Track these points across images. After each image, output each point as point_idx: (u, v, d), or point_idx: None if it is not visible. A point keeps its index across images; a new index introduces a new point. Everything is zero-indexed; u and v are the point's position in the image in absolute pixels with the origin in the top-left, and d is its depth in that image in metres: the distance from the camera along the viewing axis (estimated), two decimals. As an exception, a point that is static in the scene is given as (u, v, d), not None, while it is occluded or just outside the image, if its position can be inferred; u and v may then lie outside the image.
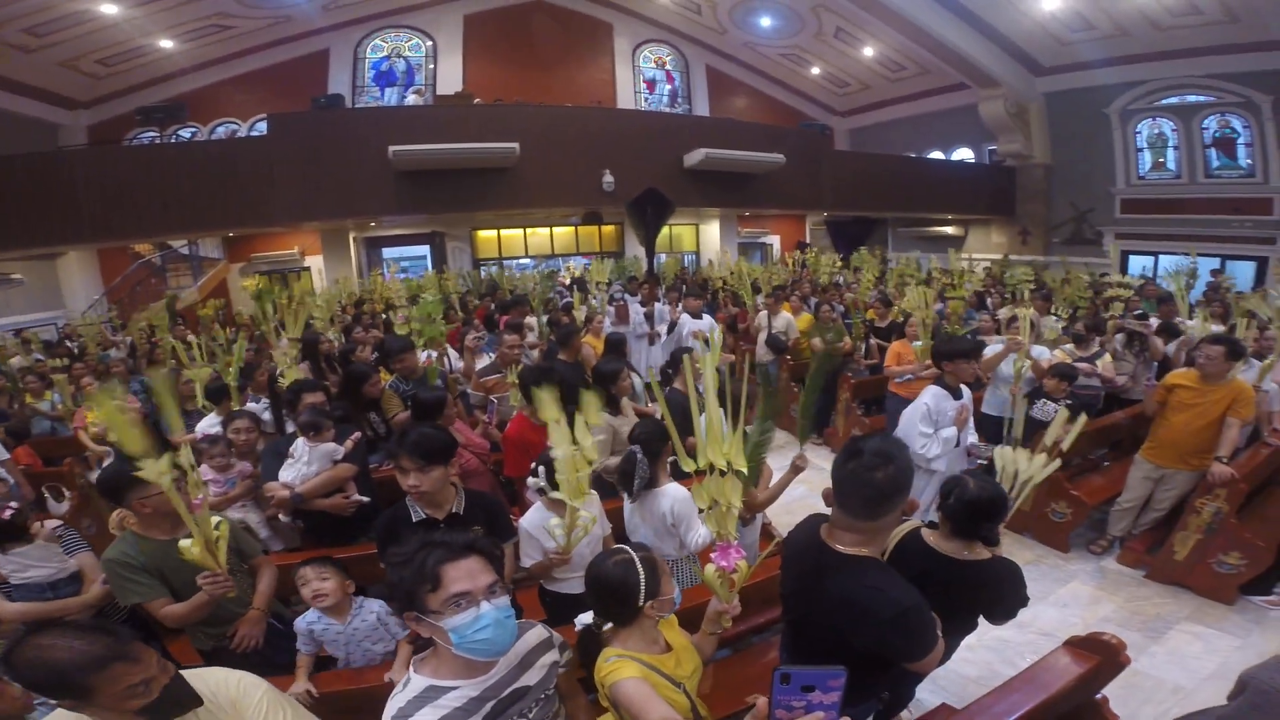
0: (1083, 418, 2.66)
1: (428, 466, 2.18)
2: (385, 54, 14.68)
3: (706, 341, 5.45)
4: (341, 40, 14.18)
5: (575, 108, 12.29)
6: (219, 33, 12.64)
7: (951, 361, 3.58)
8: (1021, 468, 2.49)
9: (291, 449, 3.04)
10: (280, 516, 3.17)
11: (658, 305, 7.05)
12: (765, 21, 15.40)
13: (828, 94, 18.15)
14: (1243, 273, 11.24)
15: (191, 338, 6.76)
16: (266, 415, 4.00)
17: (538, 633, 1.54)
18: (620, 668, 1.46)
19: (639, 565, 1.55)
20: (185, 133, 13.01)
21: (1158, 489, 3.91)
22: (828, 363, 2.33)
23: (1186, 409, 3.70)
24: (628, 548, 1.62)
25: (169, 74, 12.88)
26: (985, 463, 3.97)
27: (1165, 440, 3.82)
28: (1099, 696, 2.06)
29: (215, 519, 2.03)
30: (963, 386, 3.64)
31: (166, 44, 12.19)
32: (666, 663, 1.55)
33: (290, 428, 3.48)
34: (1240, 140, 11.45)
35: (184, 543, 1.94)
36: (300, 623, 2.22)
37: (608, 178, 11.05)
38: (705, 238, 15.81)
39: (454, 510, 2.28)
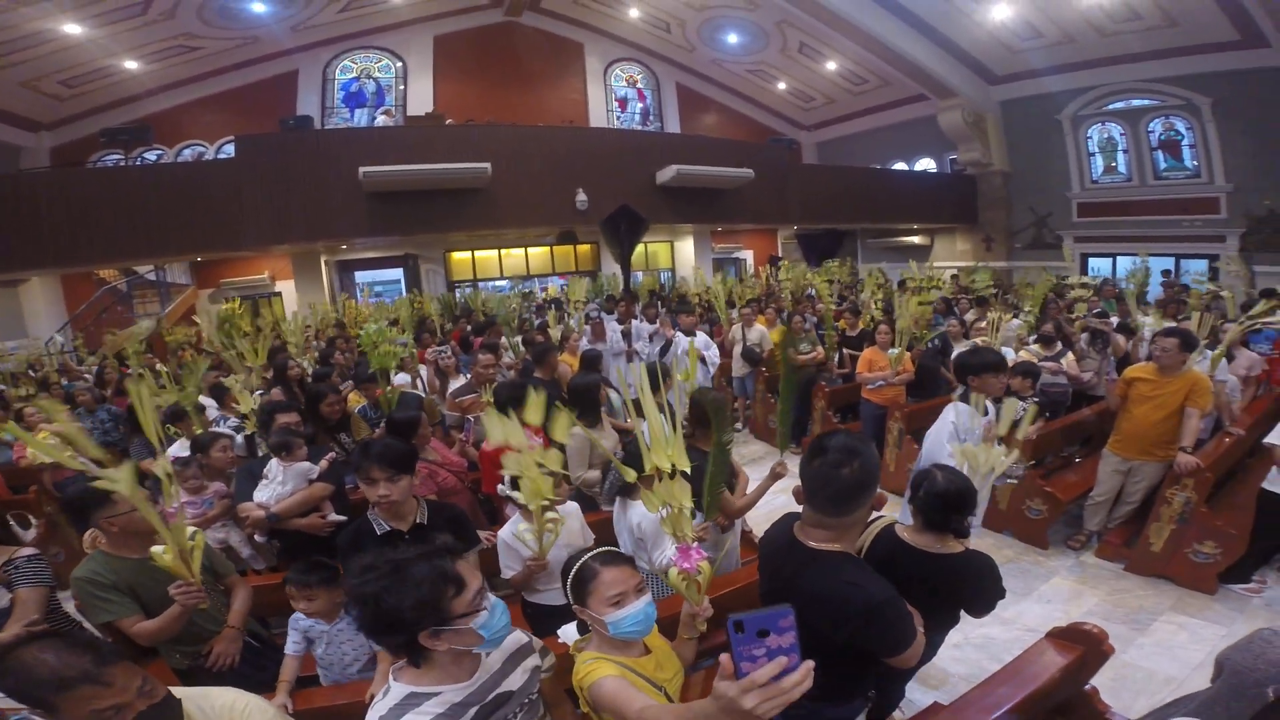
0: (1032, 408, 2.71)
1: (396, 476, 2.20)
2: (355, 75, 14.62)
3: (702, 359, 5.51)
4: (310, 61, 14.10)
5: (547, 127, 12.36)
6: (185, 54, 12.49)
7: (978, 376, 3.27)
8: (981, 460, 2.54)
9: (265, 470, 3.01)
10: (255, 537, 3.12)
11: (635, 322, 7.07)
12: (732, 38, 15.73)
13: (794, 109, 18.54)
14: (1196, 271, 11.67)
15: (160, 366, 6.64)
16: (239, 438, 3.95)
17: (516, 637, 1.54)
18: (598, 668, 1.45)
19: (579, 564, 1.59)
20: (151, 155, 12.79)
21: (1127, 481, 4.01)
22: (797, 374, 2.36)
23: (1147, 401, 3.82)
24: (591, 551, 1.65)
25: (134, 95, 12.68)
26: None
27: (1129, 433, 3.94)
28: (1088, 688, 2.07)
29: (190, 530, 2.00)
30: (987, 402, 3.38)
31: (131, 65, 11.99)
32: (646, 665, 1.55)
33: (262, 450, 3.43)
34: (1185, 142, 11.91)
35: (155, 549, 1.90)
36: (293, 617, 2.25)
37: (581, 196, 11.10)
38: (680, 254, 15.93)
39: (418, 521, 2.29)
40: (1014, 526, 4.38)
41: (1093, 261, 13.70)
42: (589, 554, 1.59)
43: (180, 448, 3.79)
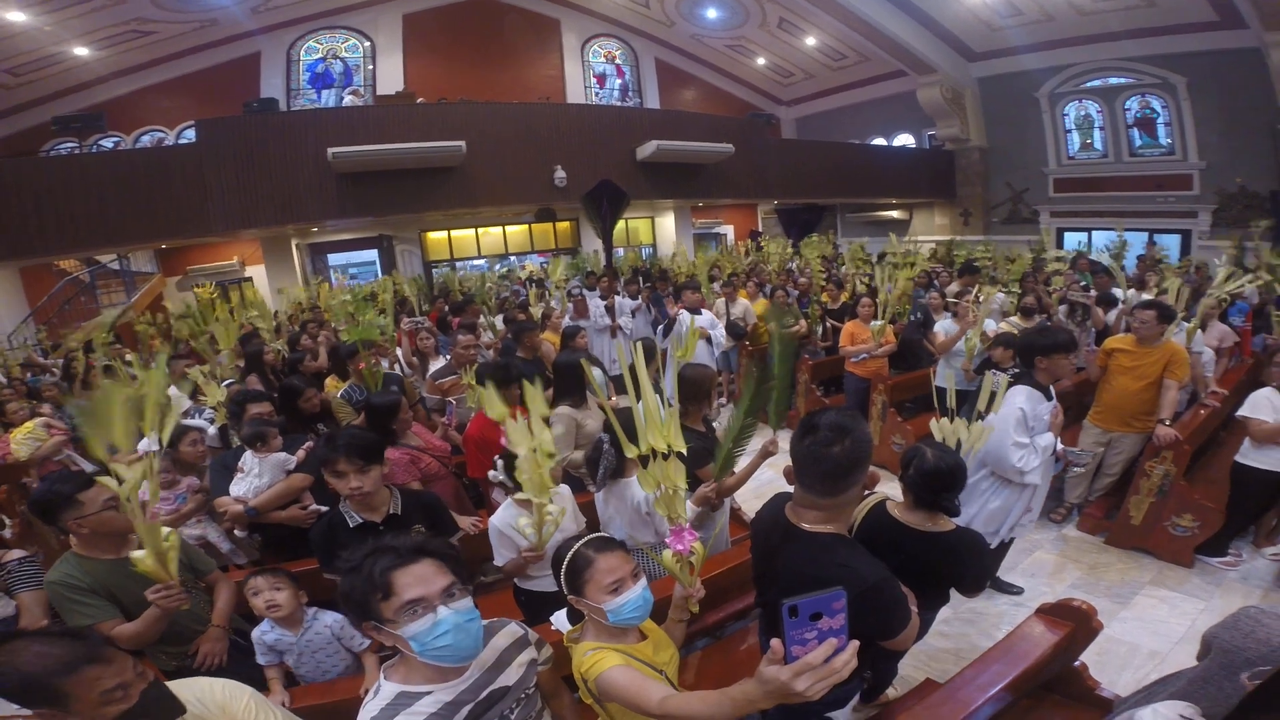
0: (1005, 383, 2.71)
1: (367, 467, 2.16)
2: (321, 56, 14.13)
3: (708, 339, 5.45)
4: (273, 43, 13.59)
5: (523, 104, 12.10)
6: (139, 38, 11.96)
7: (1048, 357, 3.04)
8: (962, 437, 2.53)
9: (240, 462, 2.90)
10: (235, 531, 3.03)
11: (618, 298, 6.98)
12: (711, 13, 15.52)
13: (773, 84, 18.38)
14: (1169, 245, 11.88)
15: (129, 355, 6.43)
16: (212, 430, 3.83)
17: (511, 631, 1.49)
18: (602, 658, 1.42)
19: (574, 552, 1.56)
20: (107, 142, 12.31)
21: (1107, 453, 4.06)
22: (789, 348, 2.31)
23: (1126, 372, 3.86)
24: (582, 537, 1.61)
25: (87, 82, 12.15)
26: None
27: (1109, 404, 3.98)
28: (1077, 664, 2.09)
29: (164, 530, 1.92)
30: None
31: (82, 51, 11.48)
32: (644, 650, 1.53)
33: (236, 441, 3.32)
34: (1160, 120, 12.05)
35: (135, 554, 1.84)
36: (256, 633, 2.17)
37: (560, 173, 10.93)
38: (661, 230, 15.81)
39: (391, 511, 2.24)
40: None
41: (1068, 235, 13.85)
42: (580, 542, 1.55)
43: (149, 442, 3.65)
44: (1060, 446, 3.16)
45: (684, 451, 1.56)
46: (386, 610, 1.22)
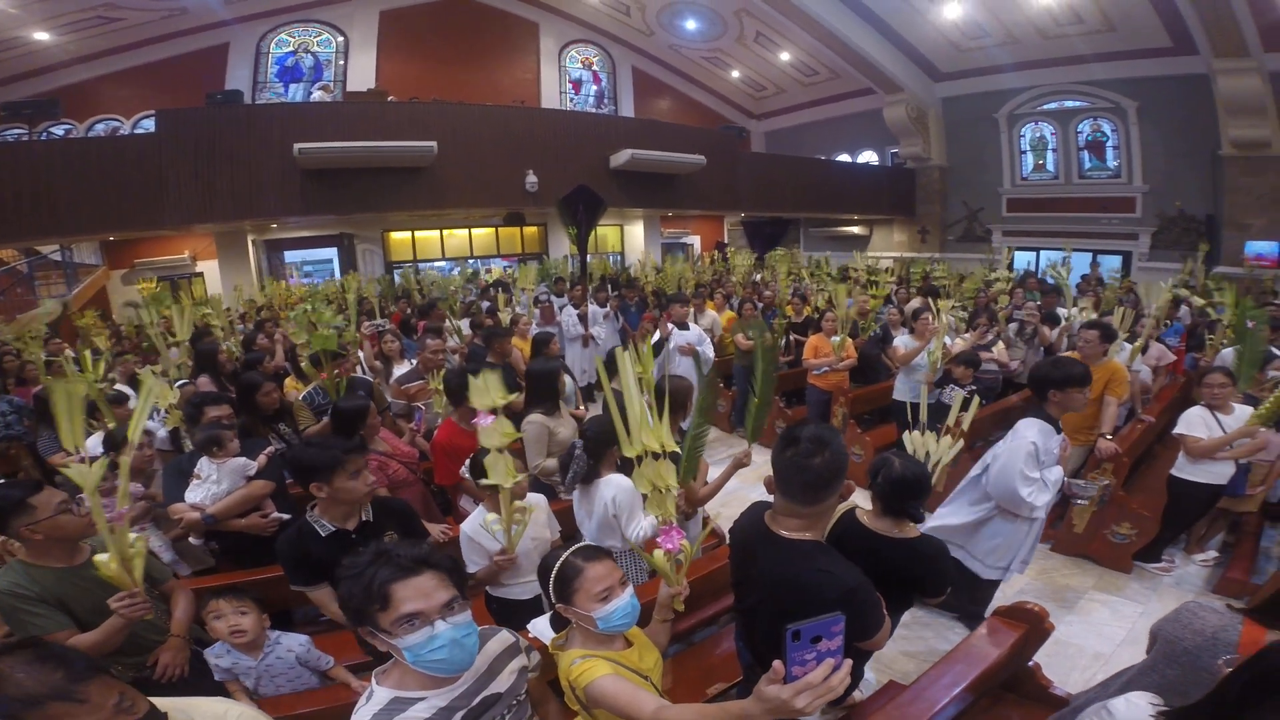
0: (975, 403, 2.83)
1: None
2: (291, 49, 13.78)
3: (696, 355, 5.48)
4: (243, 34, 13.20)
5: (498, 106, 12.04)
6: (103, 25, 11.52)
7: (1062, 390, 2.84)
8: (931, 450, 2.64)
9: (196, 469, 2.79)
10: (191, 539, 2.91)
11: (592, 307, 7.00)
12: (691, 24, 15.72)
13: (745, 97, 18.69)
14: (1110, 266, 12.45)
15: (69, 351, 6.13)
16: (162, 433, 3.69)
17: (502, 639, 1.50)
18: (592, 667, 1.44)
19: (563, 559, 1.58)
20: (59, 129, 11.77)
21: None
22: (771, 365, 2.37)
23: (1071, 388, 4.05)
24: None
25: (44, 67, 11.63)
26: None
27: (1054, 417, 4.17)
28: (1031, 664, 2.19)
29: (132, 535, 1.85)
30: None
31: (42, 36, 10.99)
32: (630, 657, 1.55)
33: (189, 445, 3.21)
34: (1109, 143, 12.63)
35: (100, 558, 1.76)
36: (209, 655, 2.08)
37: (532, 178, 10.89)
38: (630, 238, 15.88)
39: (364, 519, 2.20)
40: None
41: (1018, 255, 14.38)
42: (567, 551, 1.57)
43: (94, 444, 3.49)
44: (1066, 479, 3.14)
45: (678, 451, 1.61)
46: (383, 621, 1.22)
